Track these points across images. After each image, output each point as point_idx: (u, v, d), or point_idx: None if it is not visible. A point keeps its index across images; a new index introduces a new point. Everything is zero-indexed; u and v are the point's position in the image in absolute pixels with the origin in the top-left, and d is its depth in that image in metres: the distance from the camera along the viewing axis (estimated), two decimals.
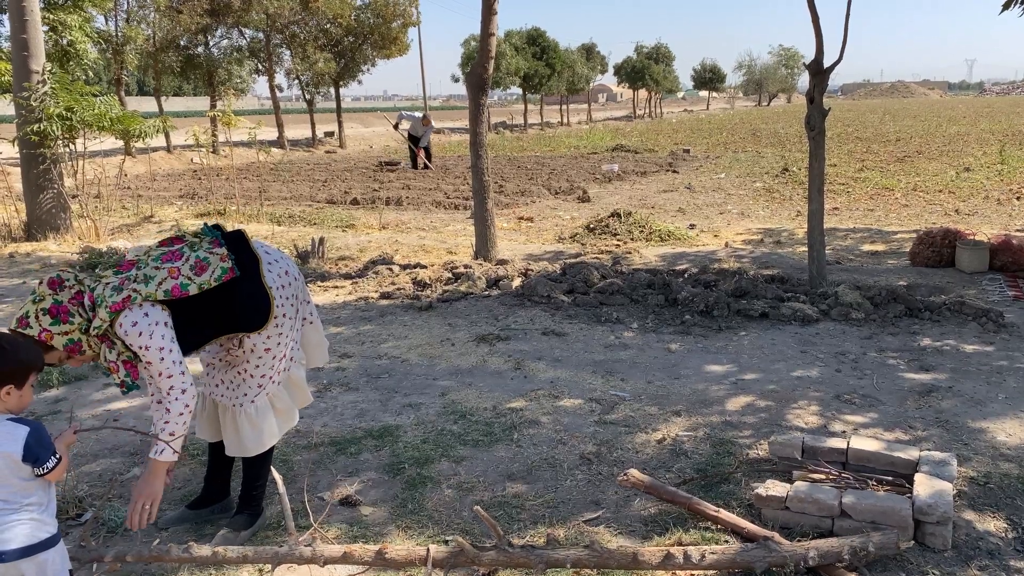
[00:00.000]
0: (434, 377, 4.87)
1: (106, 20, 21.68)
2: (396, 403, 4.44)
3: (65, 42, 14.72)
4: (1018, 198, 12.17)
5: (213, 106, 22.09)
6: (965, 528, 2.96)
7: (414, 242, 9.82)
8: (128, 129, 10.27)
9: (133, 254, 8.31)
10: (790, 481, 3.12)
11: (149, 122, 10.76)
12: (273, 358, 2.96)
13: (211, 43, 25.31)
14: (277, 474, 2.86)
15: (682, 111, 71.50)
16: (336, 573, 2.79)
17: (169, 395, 2.60)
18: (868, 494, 2.91)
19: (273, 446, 3.14)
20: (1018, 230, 9.30)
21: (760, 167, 18.29)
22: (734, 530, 2.94)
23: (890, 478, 3.07)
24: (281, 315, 2.88)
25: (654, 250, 9.03)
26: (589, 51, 47.55)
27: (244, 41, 26.23)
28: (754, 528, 2.88)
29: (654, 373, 4.85)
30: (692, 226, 10.50)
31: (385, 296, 6.92)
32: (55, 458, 2.20)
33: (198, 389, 2.86)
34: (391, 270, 7.81)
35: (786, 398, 4.37)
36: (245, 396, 2.99)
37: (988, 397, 4.30)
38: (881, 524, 2.81)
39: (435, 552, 2.56)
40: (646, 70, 52.97)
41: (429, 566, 2.53)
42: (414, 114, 20.31)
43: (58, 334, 2.51)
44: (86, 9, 15.73)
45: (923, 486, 2.89)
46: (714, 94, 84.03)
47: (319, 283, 7.50)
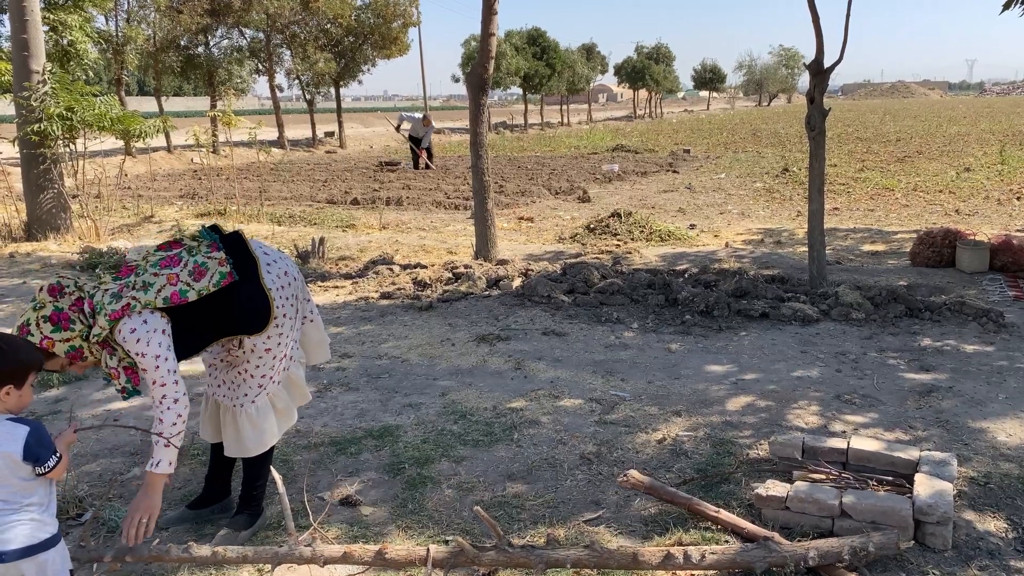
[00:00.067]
0: (434, 377, 4.87)
1: (106, 20, 21.71)
2: (396, 403, 4.44)
3: (65, 42, 14.72)
4: (1018, 198, 12.16)
5: (213, 106, 22.11)
6: (965, 528, 2.96)
7: (414, 242, 9.82)
8: (128, 129, 10.27)
9: (133, 254, 8.33)
10: (790, 481, 3.12)
11: (149, 122, 10.76)
12: (273, 358, 2.96)
13: (211, 43, 25.34)
14: (277, 474, 2.86)
15: (682, 111, 71.50)
16: (336, 573, 2.79)
17: (161, 404, 2.59)
18: (868, 494, 2.91)
19: (273, 446, 3.14)
20: (1018, 230, 9.30)
21: (760, 167, 18.29)
22: (734, 530, 2.94)
23: (890, 478, 3.07)
24: (281, 315, 2.88)
25: (654, 250, 9.03)
26: (589, 51, 47.56)
27: (244, 41, 26.26)
28: (754, 528, 2.88)
29: (654, 373, 4.85)
30: (692, 226, 10.50)
31: (385, 296, 6.92)
32: (55, 457, 2.20)
33: (201, 389, 2.86)
34: (391, 270, 7.82)
35: (786, 398, 4.37)
36: (246, 396, 2.99)
37: (988, 397, 4.30)
38: (881, 524, 2.81)
39: (435, 552, 2.56)
40: (646, 70, 52.98)
41: (429, 566, 2.53)
42: (414, 115, 20.30)
43: (59, 341, 2.51)
44: (86, 9, 15.72)
45: (923, 486, 2.89)
46: (714, 94, 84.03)
47: (319, 283, 7.50)
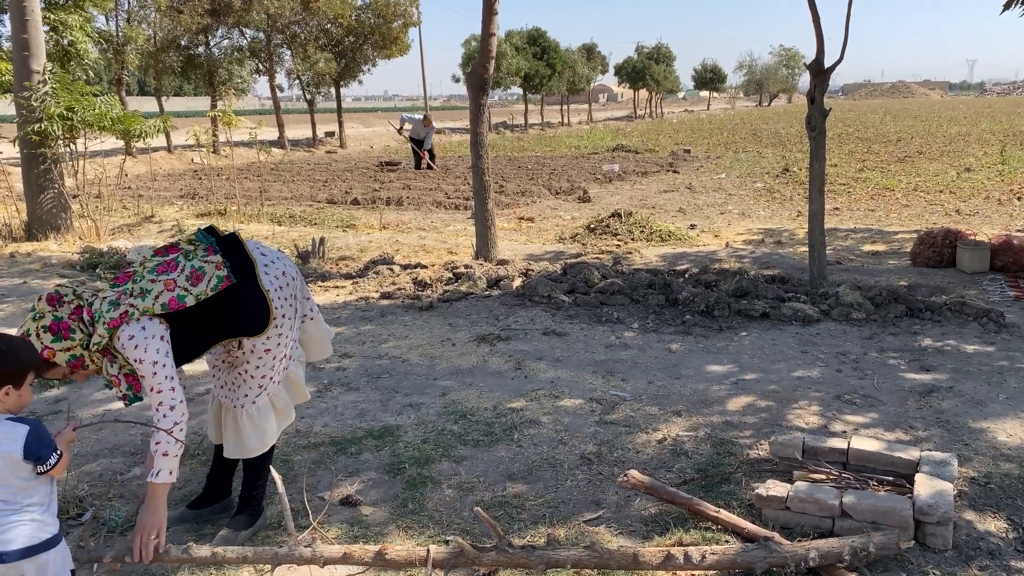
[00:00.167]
0: (435, 377, 4.87)
1: (107, 20, 21.71)
2: (396, 403, 4.44)
3: (66, 42, 14.72)
4: (1019, 198, 12.16)
5: (214, 106, 22.11)
6: (966, 528, 2.96)
7: (415, 242, 9.82)
8: (129, 129, 10.27)
9: (134, 254, 8.33)
10: (791, 481, 3.12)
11: (150, 122, 10.75)
12: (273, 358, 2.96)
13: (212, 43, 25.35)
14: (276, 474, 2.85)
15: (683, 111, 71.48)
16: (336, 573, 2.79)
17: (158, 411, 2.58)
18: (869, 494, 2.91)
19: (273, 445, 3.14)
20: (1019, 230, 9.29)
21: (761, 167, 18.29)
22: (735, 530, 2.94)
23: (891, 478, 3.07)
24: (280, 316, 2.88)
25: (655, 250, 9.03)
26: (590, 51, 47.55)
27: (245, 41, 26.26)
28: (755, 528, 2.88)
29: (655, 373, 4.85)
30: (693, 226, 10.50)
31: (386, 296, 6.92)
32: (56, 454, 2.20)
33: (203, 388, 2.86)
34: (391, 270, 7.82)
35: (787, 398, 4.37)
36: (246, 397, 2.99)
37: (989, 397, 4.30)
38: (882, 524, 2.81)
39: (435, 553, 2.56)
40: (647, 70, 52.97)
41: (429, 567, 2.53)
42: (415, 116, 20.27)
43: (60, 351, 2.51)
44: (87, 9, 15.72)
45: (924, 486, 2.89)
46: (715, 94, 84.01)
47: (319, 283, 7.50)
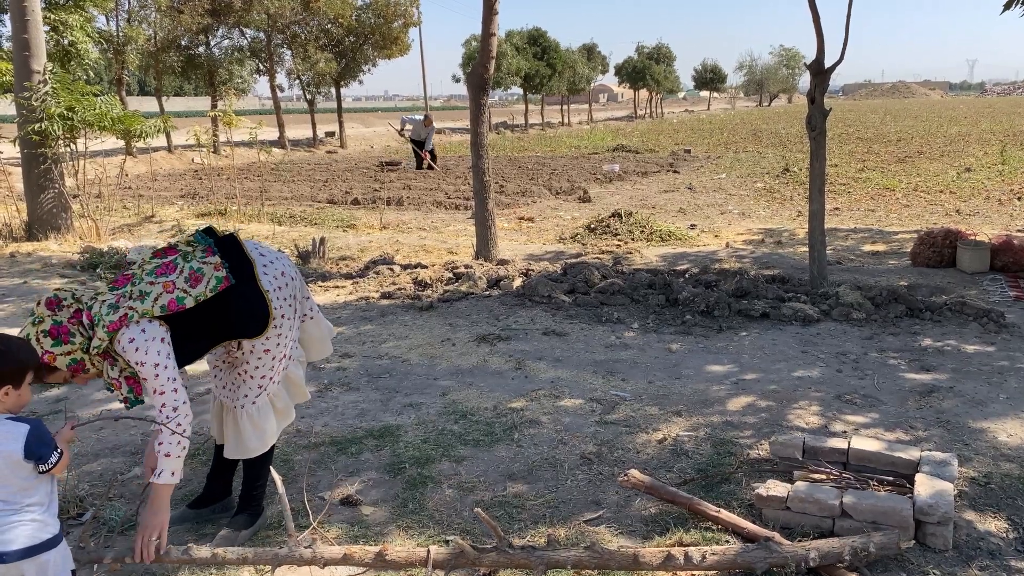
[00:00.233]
0: (435, 377, 4.87)
1: (107, 20, 21.70)
2: (397, 403, 4.44)
3: (66, 42, 14.73)
4: (1019, 198, 12.16)
5: (214, 106, 22.11)
6: (966, 528, 2.96)
7: (415, 242, 9.82)
8: (129, 129, 10.27)
9: (134, 254, 8.32)
10: (791, 481, 3.12)
11: (150, 122, 10.76)
12: (273, 359, 2.96)
13: (212, 43, 25.34)
14: (276, 474, 2.86)
15: (683, 111, 71.47)
16: (337, 573, 2.79)
17: (161, 413, 2.58)
18: (869, 494, 2.91)
19: (273, 445, 3.14)
20: (1019, 230, 9.29)
21: (761, 167, 18.29)
22: (735, 530, 2.94)
23: (891, 478, 3.07)
24: (280, 316, 2.87)
25: (655, 250, 9.03)
26: (590, 51, 47.53)
27: (245, 41, 26.25)
28: (755, 528, 2.88)
29: (655, 373, 4.85)
30: (693, 226, 10.50)
31: (386, 296, 6.92)
32: (57, 453, 2.20)
33: (205, 388, 2.85)
34: (392, 270, 7.82)
35: (787, 398, 4.37)
36: (246, 397, 2.99)
37: (989, 397, 4.30)
38: (882, 524, 2.81)
39: (435, 553, 2.56)
40: (647, 70, 52.96)
41: (429, 567, 2.53)
42: (415, 117, 20.24)
43: (61, 355, 2.50)
44: (87, 9, 15.72)
45: (924, 486, 2.89)
46: (715, 94, 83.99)
47: (320, 283, 7.50)
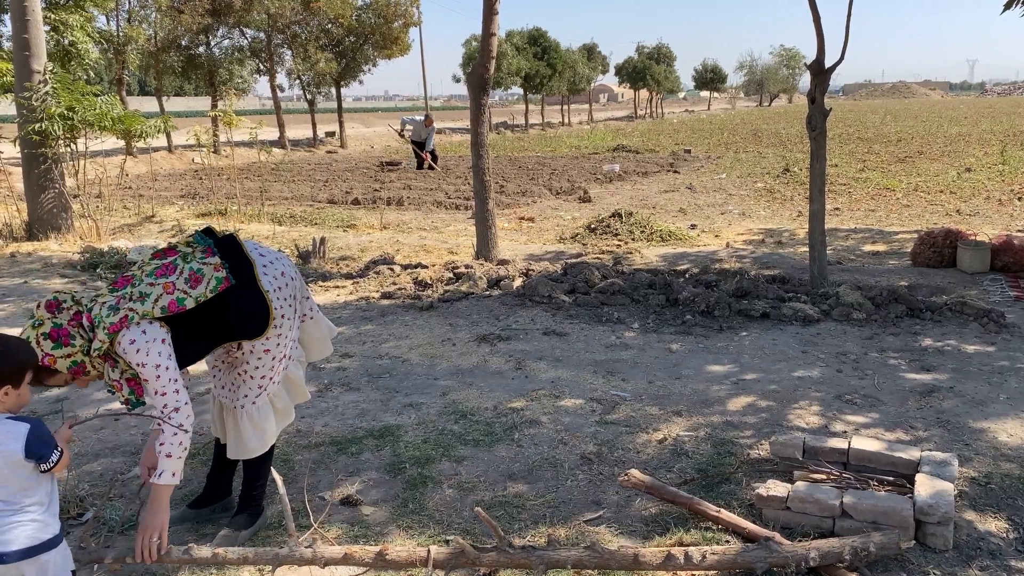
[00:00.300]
0: (435, 377, 4.87)
1: (107, 20, 21.72)
2: (397, 403, 4.44)
3: (67, 42, 14.73)
4: (1019, 198, 12.15)
5: (214, 106, 22.10)
6: (966, 528, 2.96)
7: (415, 242, 9.82)
8: (129, 129, 10.28)
9: (134, 254, 8.32)
10: (791, 481, 3.12)
11: (150, 122, 10.76)
12: (273, 359, 2.95)
13: (212, 43, 25.34)
14: (277, 475, 2.86)
15: (683, 111, 71.46)
16: (337, 573, 2.79)
17: (163, 413, 2.57)
18: (869, 494, 2.91)
19: (273, 445, 3.14)
20: (1019, 230, 9.29)
21: (761, 167, 18.28)
22: (735, 530, 2.94)
23: (891, 478, 3.07)
24: (280, 316, 2.87)
25: (655, 250, 9.03)
26: (590, 51, 47.53)
27: (245, 41, 26.25)
28: (755, 528, 2.88)
29: (655, 373, 4.85)
30: (693, 226, 10.50)
31: (386, 296, 6.92)
32: (57, 452, 2.21)
33: (205, 388, 2.85)
34: (392, 270, 7.82)
35: (787, 398, 4.37)
36: (246, 397, 2.99)
37: (989, 397, 4.30)
38: (882, 524, 2.81)
39: (436, 553, 2.56)
40: (647, 70, 52.96)
41: (430, 567, 2.53)
42: (416, 118, 20.21)
43: (61, 357, 2.50)
44: (88, 9, 15.73)
45: (924, 486, 2.89)
46: (715, 94, 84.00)
47: (320, 283, 7.50)
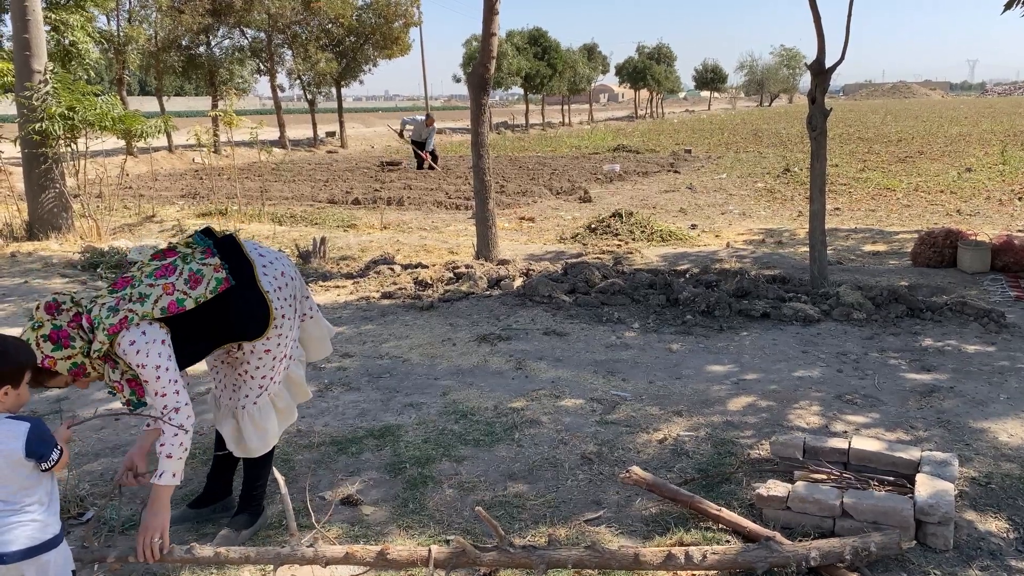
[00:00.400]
0: (435, 377, 4.87)
1: (108, 20, 21.72)
2: (397, 403, 4.45)
3: (67, 42, 14.72)
4: (1020, 198, 12.15)
5: (215, 106, 22.10)
6: (967, 528, 2.96)
7: (415, 242, 9.82)
8: (130, 129, 10.28)
9: (135, 254, 8.32)
10: (791, 481, 3.12)
11: (151, 122, 10.76)
12: (273, 359, 2.95)
13: (213, 43, 25.33)
14: (279, 474, 2.86)
15: (684, 111, 71.44)
16: (338, 573, 2.80)
17: (163, 414, 2.57)
18: (869, 494, 2.91)
19: (274, 446, 3.14)
20: (1020, 230, 9.29)
21: (762, 167, 18.28)
22: (735, 530, 2.94)
23: (891, 478, 3.07)
24: (280, 316, 2.87)
25: (655, 250, 9.03)
26: (591, 51, 47.52)
27: (246, 41, 26.25)
28: (755, 528, 2.88)
29: (655, 373, 4.85)
30: (693, 226, 10.50)
31: (386, 296, 6.92)
32: (57, 451, 2.21)
33: (205, 388, 2.85)
34: (392, 270, 7.82)
35: (787, 398, 4.37)
36: (246, 397, 2.99)
37: (990, 397, 4.30)
38: (882, 524, 2.81)
39: (437, 552, 2.56)
40: (648, 70, 52.95)
41: (431, 566, 2.53)
42: (416, 117, 20.17)
43: (61, 359, 2.50)
44: (88, 9, 15.73)
45: (924, 486, 2.89)
46: (716, 94, 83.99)
47: (320, 283, 7.50)
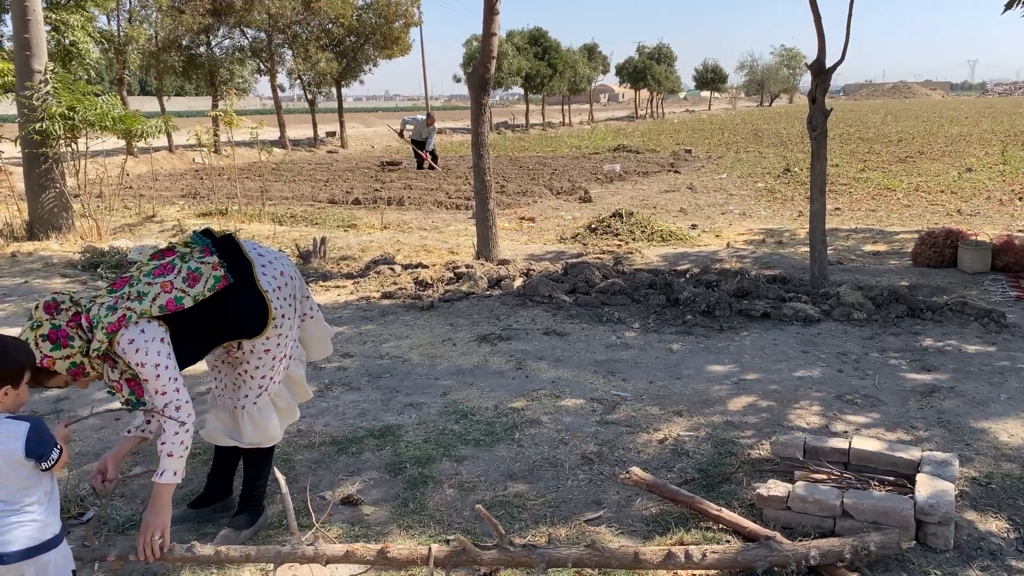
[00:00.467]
0: (435, 377, 4.87)
1: (108, 20, 21.70)
2: (398, 402, 4.45)
3: (67, 42, 14.72)
4: (1020, 198, 12.15)
5: (215, 106, 22.10)
6: (967, 528, 2.96)
7: (416, 242, 9.82)
8: (130, 129, 10.27)
9: (135, 254, 8.32)
10: (792, 481, 3.12)
11: (151, 122, 10.76)
12: (273, 359, 2.95)
13: (213, 43, 25.32)
14: (280, 474, 2.86)
15: (684, 111, 71.41)
16: (338, 572, 2.80)
17: (164, 412, 2.57)
18: (869, 494, 2.91)
19: (274, 445, 3.15)
20: (1020, 230, 9.29)
21: (762, 167, 18.28)
22: (736, 530, 2.94)
23: (892, 478, 3.07)
24: (280, 316, 2.87)
25: (656, 250, 9.03)
26: (591, 51, 47.49)
27: (246, 41, 26.24)
28: (756, 528, 2.88)
29: (656, 373, 4.85)
30: (694, 226, 10.50)
31: (387, 296, 6.92)
32: (57, 450, 2.21)
33: (205, 388, 2.85)
34: (393, 270, 7.82)
35: (788, 398, 4.37)
36: (246, 397, 2.99)
37: (990, 397, 4.30)
38: (883, 524, 2.81)
39: (437, 551, 2.56)
40: (648, 70, 52.93)
41: (431, 565, 2.53)
42: (416, 117, 20.15)
43: (60, 359, 2.50)
44: (88, 9, 15.73)
45: (925, 486, 2.89)
46: (716, 94, 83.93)
47: (321, 283, 7.50)
